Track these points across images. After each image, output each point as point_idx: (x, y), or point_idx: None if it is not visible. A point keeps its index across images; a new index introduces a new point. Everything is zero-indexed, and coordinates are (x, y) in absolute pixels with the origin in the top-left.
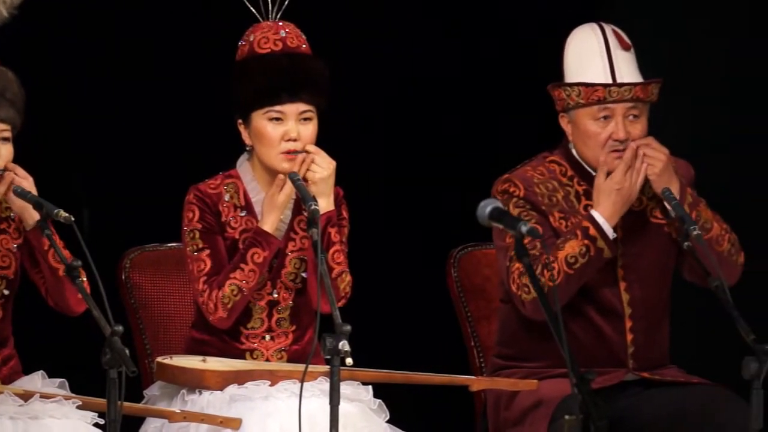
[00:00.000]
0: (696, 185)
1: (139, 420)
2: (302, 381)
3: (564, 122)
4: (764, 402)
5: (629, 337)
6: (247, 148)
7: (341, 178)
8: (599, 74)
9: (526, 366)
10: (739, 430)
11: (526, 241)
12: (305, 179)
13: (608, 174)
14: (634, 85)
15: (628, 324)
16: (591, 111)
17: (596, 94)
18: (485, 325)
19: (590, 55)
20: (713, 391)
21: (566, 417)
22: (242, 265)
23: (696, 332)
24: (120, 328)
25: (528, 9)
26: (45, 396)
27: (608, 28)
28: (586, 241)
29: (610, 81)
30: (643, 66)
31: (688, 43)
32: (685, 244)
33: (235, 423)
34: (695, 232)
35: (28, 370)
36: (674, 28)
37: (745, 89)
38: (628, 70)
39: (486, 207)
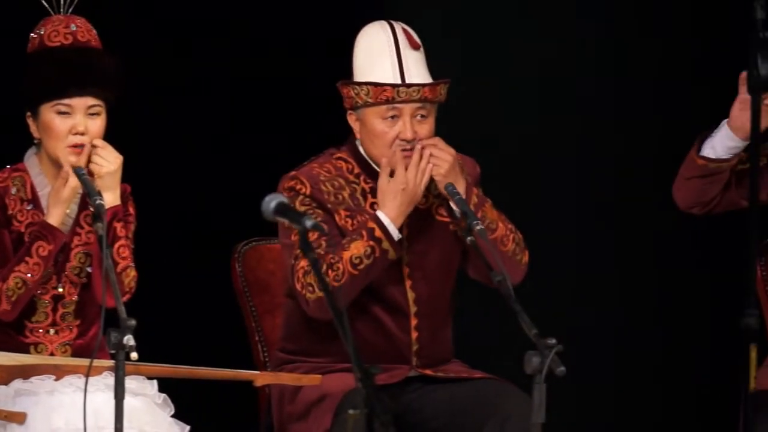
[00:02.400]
0: (481, 183)
1: None
2: (87, 375)
3: (352, 120)
4: (547, 396)
5: (414, 334)
6: (35, 142)
7: (128, 174)
8: (388, 74)
9: (310, 361)
10: (522, 423)
11: (312, 238)
12: (91, 173)
13: (392, 173)
14: (423, 85)
15: (413, 322)
16: (379, 110)
17: (385, 94)
18: (269, 320)
19: (380, 54)
20: (496, 385)
21: (350, 411)
22: (27, 258)
23: (481, 328)
24: None
25: (320, 4)
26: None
27: (398, 27)
28: (371, 243)
29: (398, 81)
30: (432, 65)
31: (476, 43)
32: (469, 239)
33: (20, 417)
34: (478, 227)
35: None
36: (464, 27)
37: (529, 88)
38: (417, 71)
39: (271, 202)
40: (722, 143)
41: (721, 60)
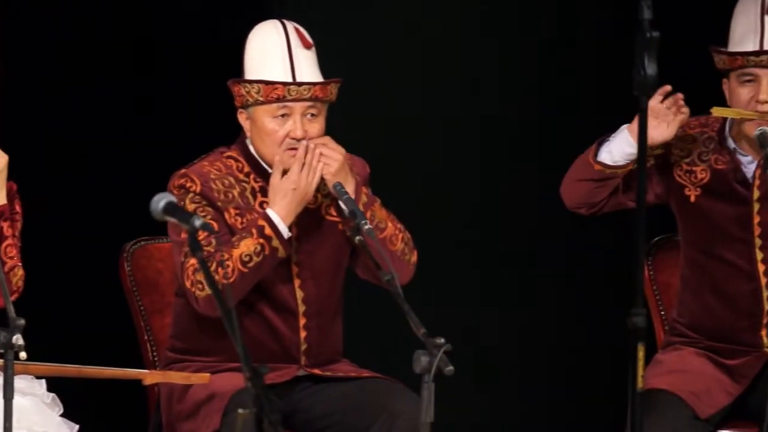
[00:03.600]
0: (370, 183)
1: None
2: None
3: (242, 118)
4: (435, 395)
5: (302, 334)
6: None
7: (14, 172)
8: (279, 72)
9: (199, 360)
10: (411, 422)
11: (201, 237)
12: None
13: (284, 172)
14: (314, 84)
15: (302, 321)
16: (270, 108)
17: (275, 92)
18: (158, 319)
19: (271, 52)
20: (385, 385)
21: (239, 411)
22: None
23: (369, 327)
24: None
25: (211, 3)
26: None
27: (290, 26)
28: (261, 240)
29: (290, 80)
30: (323, 65)
31: (367, 43)
32: (357, 238)
33: None
34: (366, 227)
35: None
36: (353, 28)
37: (417, 87)
38: (308, 70)
39: (159, 201)
40: (620, 149)
41: (616, 61)
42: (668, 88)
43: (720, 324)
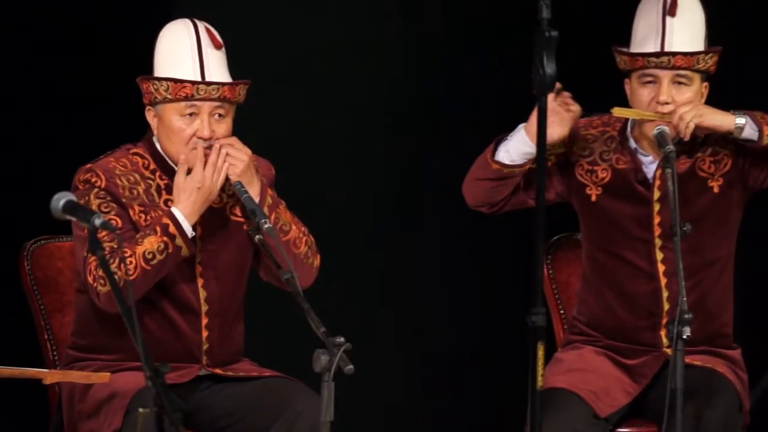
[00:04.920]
0: (275, 184)
1: None
2: None
3: (150, 116)
4: (335, 394)
5: (204, 333)
6: None
7: None
8: (188, 71)
9: (100, 358)
10: (312, 421)
11: (102, 234)
12: None
13: (189, 171)
14: (223, 84)
15: (204, 321)
16: (178, 107)
17: (184, 91)
18: (59, 318)
19: (181, 51)
20: (285, 384)
21: (140, 410)
22: None
23: (270, 326)
24: None
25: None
26: None
27: (201, 26)
28: (164, 238)
29: (199, 79)
30: (232, 66)
31: (275, 45)
32: (257, 237)
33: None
34: (266, 226)
35: None
36: (262, 30)
37: (325, 90)
38: (217, 70)
39: (59, 200)
40: (517, 148)
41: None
42: (558, 85)
43: (620, 323)
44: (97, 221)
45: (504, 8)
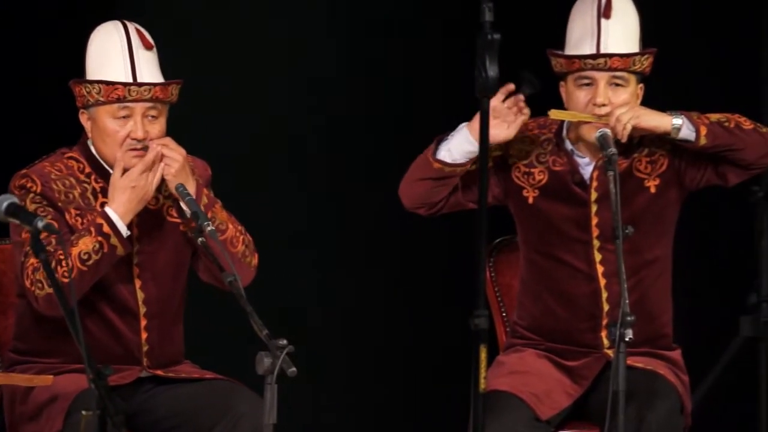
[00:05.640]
0: (212, 185)
1: None
2: None
3: (84, 119)
4: (278, 397)
5: (144, 335)
6: None
7: None
8: (120, 73)
9: (42, 361)
10: (254, 423)
11: (42, 236)
12: None
13: (125, 171)
14: (154, 85)
15: (143, 322)
16: (111, 109)
17: (116, 93)
18: (2, 320)
19: (112, 53)
20: (227, 386)
21: (83, 412)
22: None
23: (212, 328)
24: None
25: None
26: None
27: (131, 27)
28: (99, 238)
29: (130, 80)
30: (164, 66)
31: (207, 45)
32: (199, 240)
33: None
34: (209, 228)
35: None
36: (194, 30)
37: (258, 89)
38: (149, 71)
39: (2, 203)
40: (460, 147)
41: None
42: (511, 87)
43: (560, 326)
44: (40, 224)
45: (446, 8)
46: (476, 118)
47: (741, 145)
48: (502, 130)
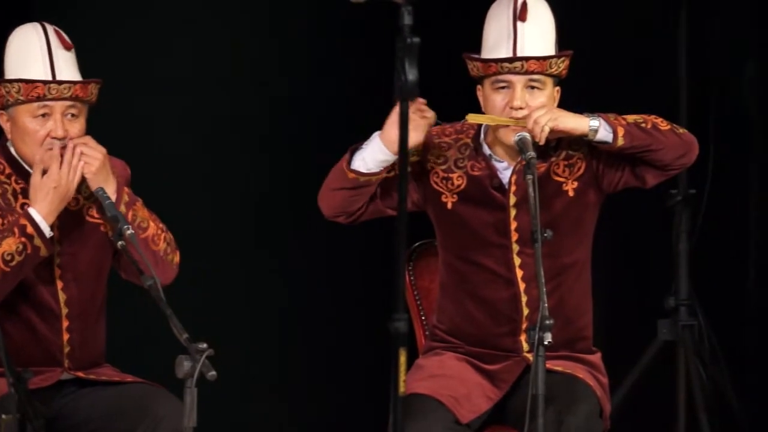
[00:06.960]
0: (131, 184)
1: None
2: None
3: (3, 120)
4: (198, 400)
5: (65, 336)
6: None
7: None
8: (39, 72)
9: None
10: (174, 426)
11: None
12: None
13: (44, 172)
14: (74, 83)
15: (65, 324)
16: (30, 108)
17: (36, 91)
18: None
19: (32, 53)
20: (147, 389)
21: (3, 416)
22: None
23: (131, 331)
24: None
25: None
26: None
27: (50, 28)
28: (23, 239)
29: (50, 78)
30: (84, 68)
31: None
32: (119, 243)
33: None
34: (129, 231)
35: None
36: (115, 30)
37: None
38: (68, 70)
39: None
40: (373, 156)
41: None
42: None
43: (480, 329)
44: None
45: (361, 11)
46: (387, 126)
47: (658, 145)
48: (411, 134)
